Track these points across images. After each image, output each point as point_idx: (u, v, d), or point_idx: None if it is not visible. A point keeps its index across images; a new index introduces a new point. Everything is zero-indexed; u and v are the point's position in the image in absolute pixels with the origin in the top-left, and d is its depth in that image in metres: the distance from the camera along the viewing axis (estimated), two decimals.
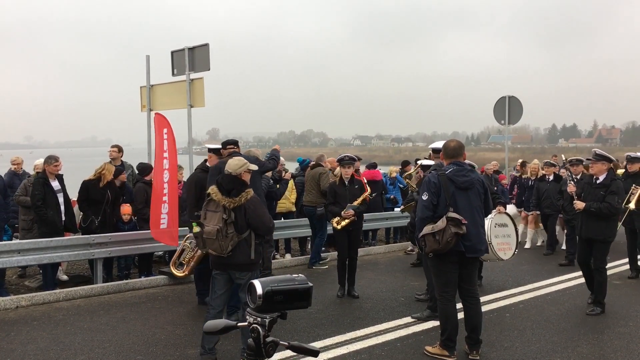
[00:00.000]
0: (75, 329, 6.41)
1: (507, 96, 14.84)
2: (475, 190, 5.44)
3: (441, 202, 5.32)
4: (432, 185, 5.35)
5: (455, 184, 5.34)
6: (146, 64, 11.15)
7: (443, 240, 5.15)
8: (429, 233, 5.23)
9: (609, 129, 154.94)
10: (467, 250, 5.31)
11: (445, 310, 5.48)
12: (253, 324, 1.93)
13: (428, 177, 5.50)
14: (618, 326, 6.58)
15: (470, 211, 5.36)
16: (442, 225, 5.17)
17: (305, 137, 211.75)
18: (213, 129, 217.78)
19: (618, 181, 7.12)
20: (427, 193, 5.35)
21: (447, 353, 5.44)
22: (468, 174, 5.44)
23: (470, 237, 5.29)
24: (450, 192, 5.32)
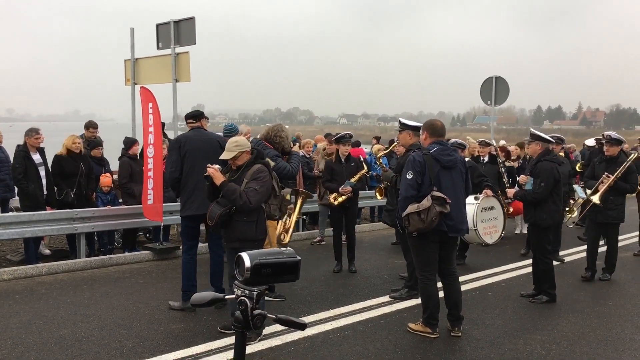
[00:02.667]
0: (58, 303, 6.38)
1: (494, 77, 14.84)
2: (458, 169, 5.46)
3: (425, 181, 5.29)
4: (417, 164, 5.29)
5: (441, 163, 5.32)
6: (130, 37, 10.97)
7: (427, 219, 5.13)
8: (413, 212, 5.20)
9: (594, 112, 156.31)
10: (450, 229, 5.32)
11: (426, 290, 5.52)
12: (241, 297, 1.92)
13: (412, 155, 5.42)
14: (597, 305, 6.69)
15: (454, 191, 5.36)
16: (427, 204, 5.15)
17: (291, 114, 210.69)
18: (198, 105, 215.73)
19: (545, 162, 6.58)
20: (411, 172, 5.30)
21: (430, 330, 5.50)
22: (452, 153, 5.47)
23: (453, 216, 5.29)
24: (435, 171, 5.29)
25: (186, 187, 6.17)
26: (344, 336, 5.51)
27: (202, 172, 5.76)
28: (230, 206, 5.21)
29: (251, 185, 5.20)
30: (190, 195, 6.14)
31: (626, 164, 7.59)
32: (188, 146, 6.17)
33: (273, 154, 6.38)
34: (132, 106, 11.00)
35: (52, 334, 5.42)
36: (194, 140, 6.25)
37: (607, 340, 5.56)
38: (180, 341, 5.30)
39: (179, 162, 6.13)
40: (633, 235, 10.10)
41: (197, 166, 6.08)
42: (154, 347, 5.14)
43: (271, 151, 6.41)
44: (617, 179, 7.48)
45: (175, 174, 6.16)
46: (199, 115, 6.51)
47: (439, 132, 5.53)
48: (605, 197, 7.48)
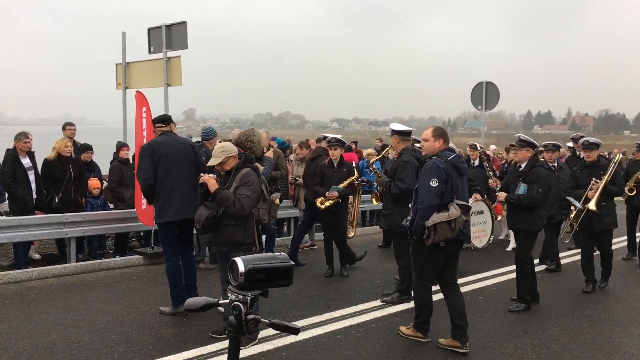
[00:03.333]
0: (48, 308, 6.34)
1: (485, 82, 14.92)
2: (466, 176, 5.41)
3: (447, 189, 5.12)
4: (441, 171, 5.10)
5: (458, 171, 5.21)
6: (122, 41, 10.95)
7: (456, 228, 5.02)
8: (443, 221, 5.01)
9: (583, 117, 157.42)
10: (465, 238, 5.33)
11: (423, 296, 5.48)
12: (235, 302, 1.93)
13: (434, 162, 5.16)
14: (587, 309, 6.73)
15: (465, 198, 5.31)
16: (456, 213, 5.03)
17: (282, 119, 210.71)
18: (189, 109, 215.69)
19: (540, 168, 6.54)
20: (436, 179, 5.08)
21: (421, 335, 5.50)
22: (462, 159, 5.39)
23: (467, 225, 5.29)
24: (455, 178, 5.17)
25: (161, 193, 6.05)
26: (335, 340, 5.52)
27: (177, 178, 5.97)
28: (218, 209, 5.22)
29: (242, 192, 5.21)
30: (166, 202, 6.04)
31: (614, 166, 7.40)
32: (161, 152, 6.05)
33: None
34: (124, 110, 10.97)
35: (43, 339, 5.39)
36: (167, 145, 6.12)
37: (596, 343, 5.60)
38: (171, 346, 5.28)
39: (152, 168, 6.01)
40: (621, 240, 10.16)
41: (172, 171, 6.07)
42: (145, 352, 5.12)
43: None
44: (607, 182, 7.29)
45: (149, 181, 6.02)
46: (169, 119, 6.45)
47: (449, 140, 5.45)
48: (598, 203, 7.27)
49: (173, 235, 6.27)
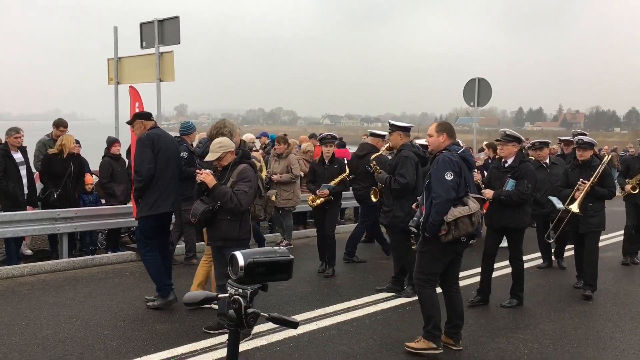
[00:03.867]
0: (40, 304, 6.32)
1: (477, 78, 14.95)
2: (472, 171, 5.36)
3: (461, 183, 4.99)
4: (455, 164, 4.96)
5: (468, 164, 5.11)
6: (114, 35, 10.88)
7: (476, 222, 4.90)
8: (464, 215, 4.84)
9: (574, 114, 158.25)
10: (477, 233, 5.23)
11: (430, 298, 5.14)
12: (234, 295, 1.94)
13: (446, 156, 5.01)
14: (578, 305, 6.78)
15: (473, 192, 5.19)
16: (476, 207, 4.91)
17: (274, 115, 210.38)
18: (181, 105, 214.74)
19: (528, 164, 6.48)
20: (451, 172, 4.91)
21: (434, 345, 5.06)
22: (470, 153, 5.35)
23: None
24: (466, 172, 5.07)
25: (159, 185, 6.10)
26: (329, 336, 5.53)
27: (173, 170, 6.07)
28: (214, 204, 5.22)
29: (240, 188, 5.20)
30: (162, 193, 6.11)
31: (600, 167, 7.05)
32: (161, 143, 6.15)
33: None
34: (116, 105, 10.92)
35: (35, 335, 5.37)
36: (164, 137, 6.31)
37: (588, 339, 5.65)
38: (164, 341, 5.27)
39: (153, 159, 6.08)
40: (612, 235, 10.24)
41: (170, 164, 6.19)
42: (139, 348, 5.11)
43: None
44: (594, 184, 6.97)
45: (152, 171, 6.06)
46: (151, 115, 6.58)
47: (454, 135, 5.28)
48: (584, 204, 6.99)
49: (159, 228, 6.33)
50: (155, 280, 6.26)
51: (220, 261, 5.46)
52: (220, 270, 5.50)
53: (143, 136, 6.22)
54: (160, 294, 6.22)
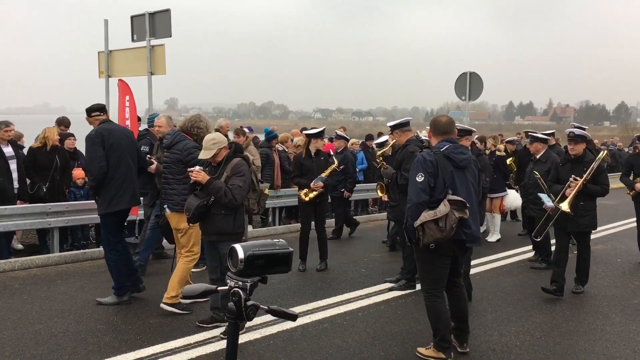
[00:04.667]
0: (32, 298, 6.29)
1: (468, 72, 14.98)
2: (471, 169, 4.79)
3: (439, 183, 4.58)
4: (427, 164, 4.58)
5: (454, 163, 4.64)
6: (104, 28, 10.79)
7: (447, 227, 4.44)
8: (430, 220, 4.46)
9: (564, 108, 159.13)
10: (468, 238, 4.64)
11: (435, 308, 4.80)
12: (234, 288, 1.94)
13: (422, 155, 4.72)
14: (569, 297, 6.84)
15: (468, 193, 4.68)
16: (445, 209, 4.46)
17: (265, 109, 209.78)
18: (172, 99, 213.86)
19: (484, 157, 6.09)
20: (422, 173, 4.57)
21: (444, 355, 4.83)
22: (465, 151, 4.79)
23: (470, 223, 4.61)
24: (449, 171, 4.60)
25: (113, 181, 6.00)
26: (322, 329, 5.55)
27: (128, 165, 6.04)
28: (208, 199, 5.21)
29: (234, 182, 5.20)
30: (118, 190, 6.03)
31: (595, 163, 6.62)
32: (112, 138, 6.02)
33: (192, 146, 5.95)
34: (106, 99, 10.83)
35: (27, 329, 5.35)
36: (116, 133, 6.13)
37: (579, 331, 5.71)
38: (158, 335, 5.27)
39: (104, 156, 5.94)
40: (603, 229, 10.32)
41: (124, 159, 6.08)
42: (132, 342, 5.10)
43: (189, 142, 5.99)
44: (586, 181, 6.58)
45: (104, 169, 5.93)
46: (104, 107, 6.42)
47: (443, 129, 4.81)
48: (575, 203, 6.59)
49: (120, 225, 6.30)
50: (116, 279, 6.19)
51: (214, 255, 5.45)
52: (212, 264, 5.50)
53: (92, 133, 6.02)
54: (118, 292, 6.16)
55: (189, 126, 6.07)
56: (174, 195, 5.98)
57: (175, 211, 5.95)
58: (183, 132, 6.08)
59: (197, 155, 5.65)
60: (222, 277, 5.31)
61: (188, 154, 5.88)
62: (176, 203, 5.93)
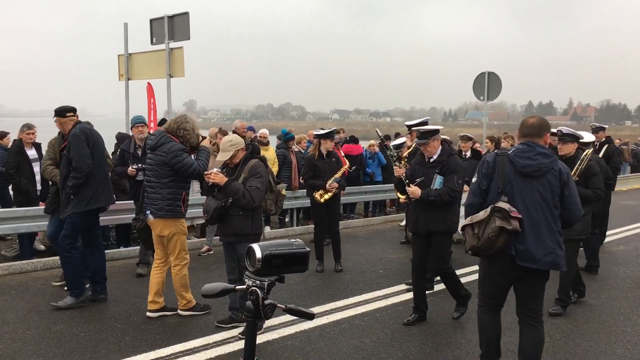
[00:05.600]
0: (54, 298, 6.36)
1: (487, 72, 14.90)
2: (546, 181, 4.06)
3: (493, 187, 4.14)
4: (484, 165, 4.23)
5: (515, 168, 4.07)
6: (124, 32, 10.94)
7: (484, 235, 4.01)
8: (467, 224, 4.17)
9: (584, 107, 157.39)
10: (519, 256, 4.04)
11: (479, 318, 4.48)
12: (252, 287, 1.97)
13: (485, 156, 4.42)
14: (590, 298, 6.76)
15: (533, 206, 4.04)
16: (482, 215, 4.07)
17: (283, 110, 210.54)
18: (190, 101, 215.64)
19: (456, 157, 5.75)
20: (476, 175, 4.28)
21: None
22: (536, 157, 4.07)
23: (526, 239, 4.02)
24: (507, 176, 4.08)
25: (95, 179, 6.02)
26: (340, 330, 5.56)
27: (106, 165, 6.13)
28: (226, 200, 5.25)
29: (252, 184, 5.23)
30: (98, 187, 6.05)
31: (581, 164, 6.09)
32: (94, 137, 6.07)
33: (178, 148, 5.66)
34: (126, 101, 10.97)
35: (50, 329, 5.44)
36: (94, 132, 6.20)
37: (599, 332, 5.64)
38: (177, 335, 5.32)
39: (90, 154, 5.96)
40: (625, 229, 10.19)
41: (104, 158, 6.20)
42: (152, 341, 5.16)
43: (175, 144, 5.68)
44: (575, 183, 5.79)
45: (91, 166, 5.93)
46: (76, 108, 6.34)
47: (525, 131, 4.22)
48: None
49: (91, 224, 6.30)
50: (72, 280, 6.15)
51: (232, 256, 5.50)
52: (231, 264, 5.54)
53: (77, 131, 5.97)
54: (76, 293, 6.13)
55: (174, 128, 5.80)
56: (157, 200, 5.66)
57: (160, 217, 5.67)
58: (169, 133, 5.80)
59: (185, 159, 5.60)
60: (240, 277, 5.35)
61: (174, 156, 5.58)
62: (160, 208, 5.65)
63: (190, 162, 5.69)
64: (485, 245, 4.03)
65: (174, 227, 5.72)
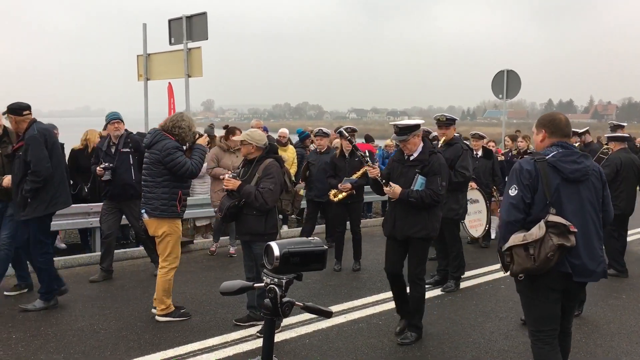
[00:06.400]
0: (75, 296, 6.46)
1: (506, 70, 14.80)
2: (590, 184, 3.71)
3: (538, 199, 3.63)
4: (524, 174, 3.65)
5: (562, 174, 3.64)
6: (143, 32, 11.04)
7: (540, 256, 3.51)
8: (519, 244, 3.58)
9: (605, 105, 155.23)
10: (575, 272, 3.62)
11: (538, 355, 3.82)
12: (270, 285, 1.98)
13: (520, 163, 3.77)
14: (611, 299, 6.68)
15: (582, 214, 3.66)
16: (538, 233, 3.54)
17: (300, 109, 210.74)
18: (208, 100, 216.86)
19: (439, 156, 5.18)
20: (516, 186, 3.66)
21: None
22: (580, 159, 3.71)
23: (581, 252, 3.62)
24: (553, 185, 3.63)
25: (54, 182, 5.89)
26: (358, 329, 5.55)
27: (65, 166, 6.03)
28: (239, 199, 5.27)
29: (265, 185, 5.22)
30: (57, 190, 5.94)
31: None
32: (52, 139, 5.95)
33: (171, 146, 5.54)
34: (145, 101, 11.08)
35: (70, 326, 5.51)
36: (52, 132, 6.08)
37: (621, 332, 5.58)
38: (196, 333, 5.36)
39: (48, 157, 5.80)
40: None
41: (62, 160, 6.13)
42: (171, 339, 5.20)
43: (170, 142, 5.57)
44: None
45: (50, 169, 5.80)
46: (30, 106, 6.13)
47: (563, 131, 3.79)
48: None
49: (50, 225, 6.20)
50: (46, 283, 6.03)
51: (249, 254, 5.52)
52: (248, 263, 5.56)
53: (34, 133, 5.79)
54: (46, 297, 6.04)
55: (170, 126, 5.68)
56: (152, 199, 5.57)
57: (154, 217, 5.57)
58: (164, 131, 5.67)
59: (178, 157, 5.50)
60: (258, 275, 5.37)
61: (167, 154, 5.47)
62: (155, 208, 5.55)
63: (184, 161, 5.57)
64: (542, 267, 3.55)
65: (167, 228, 5.59)
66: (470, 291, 6.90)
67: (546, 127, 3.81)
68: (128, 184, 7.08)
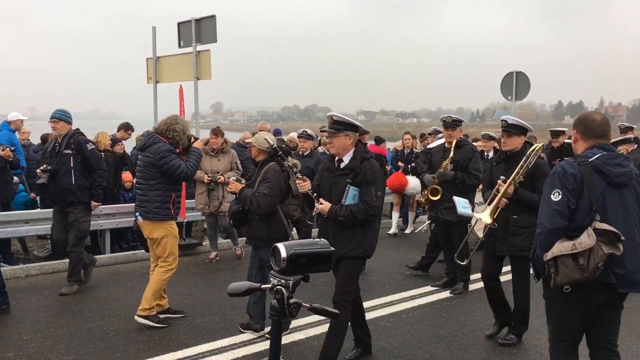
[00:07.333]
0: (84, 297, 6.50)
1: (515, 71, 14.72)
2: (633, 188, 3.49)
3: (582, 205, 3.38)
4: (569, 178, 3.39)
5: (607, 178, 3.40)
6: (152, 35, 11.08)
7: (590, 266, 3.26)
8: (566, 254, 3.31)
9: (616, 106, 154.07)
10: (620, 282, 3.37)
11: None
12: (277, 286, 2.00)
13: (561, 165, 3.49)
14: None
15: (627, 220, 3.44)
16: (589, 242, 3.28)
17: (309, 111, 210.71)
18: (217, 103, 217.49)
19: (372, 162, 4.55)
20: (559, 190, 3.39)
21: None
22: (626, 162, 3.50)
23: (625, 261, 3.36)
24: (598, 190, 3.39)
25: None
26: None
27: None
28: (244, 204, 5.27)
29: (260, 189, 5.17)
30: None
31: (527, 161, 4.98)
32: None
33: (165, 149, 5.50)
34: (154, 104, 11.10)
35: (80, 327, 5.55)
36: None
37: (631, 335, 5.54)
38: (205, 335, 5.38)
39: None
40: None
41: None
42: (180, 341, 5.23)
43: (163, 145, 5.52)
44: (519, 184, 4.98)
45: None
46: None
47: (595, 131, 3.54)
48: (506, 215, 5.08)
49: None
50: None
51: (255, 258, 5.51)
52: (251, 267, 5.52)
53: None
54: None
55: (164, 129, 5.61)
56: (145, 202, 5.56)
57: (148, 219, 5.57)
58: (158, 134, 5.62)
59: (172, 160, 5.47)
60: (263, 279, 5.35)
61: (161, 157, 5.44)
62: (148, 211, 5.54)
63: (178, 163, 5.54)
64: (589, 277, 3.29)
65: (162, 230, 5.59)
66: (478, 293, 6.86)
67: (578, 127, 3.60)
68: (66, 188, 6.53)
